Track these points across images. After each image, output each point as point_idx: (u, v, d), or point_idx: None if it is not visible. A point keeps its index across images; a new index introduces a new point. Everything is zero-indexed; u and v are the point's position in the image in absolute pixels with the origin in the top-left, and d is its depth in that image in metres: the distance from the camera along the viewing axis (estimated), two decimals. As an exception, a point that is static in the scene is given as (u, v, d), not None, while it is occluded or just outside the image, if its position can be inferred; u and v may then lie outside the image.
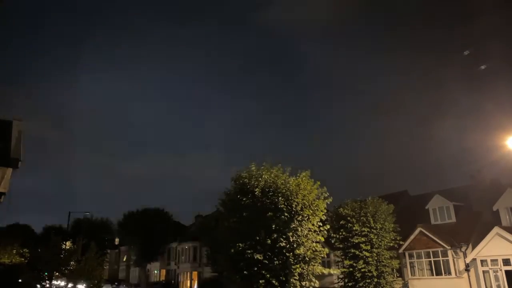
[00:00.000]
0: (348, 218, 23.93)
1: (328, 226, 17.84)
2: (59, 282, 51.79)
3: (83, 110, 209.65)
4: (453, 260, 23.48)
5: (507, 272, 20.87)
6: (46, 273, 44.36)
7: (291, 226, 16.20)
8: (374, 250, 23.20)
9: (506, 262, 20.99)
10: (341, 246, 24.44)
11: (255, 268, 15.87)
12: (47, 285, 44.88)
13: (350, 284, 23.45)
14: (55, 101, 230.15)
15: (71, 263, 43.39)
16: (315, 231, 17.06)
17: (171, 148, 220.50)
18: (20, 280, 46.22)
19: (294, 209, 16.46)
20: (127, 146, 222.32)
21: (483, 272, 21.92)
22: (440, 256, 24.05)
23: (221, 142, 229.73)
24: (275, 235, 15.97)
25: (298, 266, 16.11)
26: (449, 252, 23.56)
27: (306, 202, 16.83)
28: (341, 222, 24.20)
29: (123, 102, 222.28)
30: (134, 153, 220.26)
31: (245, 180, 17.28)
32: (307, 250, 16.57)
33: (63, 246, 46.87)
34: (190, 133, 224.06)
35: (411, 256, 25.63)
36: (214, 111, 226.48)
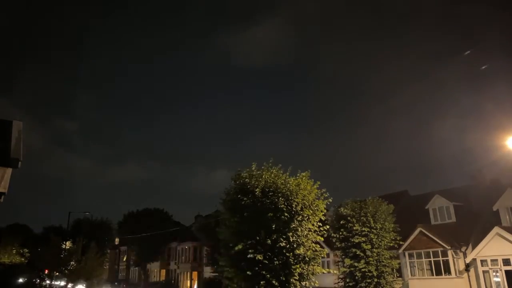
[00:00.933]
0: (348, 218, 23.91)
1: (328, 226, 17.86)
2: (59, 282, 51.81)
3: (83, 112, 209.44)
4: (453, 260, 23.47)
5: (507, 272, 20.86)
6: (46, 273, 44.40)
7: (291, 226, 16.18)
8: (374, 250, 23.19)
9: (506, 262, 20.97)
10: (341, 246, 24.44)
11: (256, 268, 15.84)
12: (47, 285, 44.91)
13: (350, 284, 23.43)
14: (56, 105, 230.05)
15: (71, 263, 43.38)
16: (315, 231, 17.06)
17: (171, 147, 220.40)
18: (20, 280, 46.27)
19: (294, 209, 16.43)
20: (127, 145, 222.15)
21: (483, 272, 21.91)
22: (440, 256, 24.03)
23: (221, 143, 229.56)
24: (275, 235, 15.95)
25: (298, 266, 16.08)
26: (449, 252, 23.55)
27: (306, 202, 16.80)
28: (341, 222, 24.19)
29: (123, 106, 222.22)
30: (134, 152, 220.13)
31: (245, 180, 17.23)
32: (307, 250, 16.57)
33: (63, 246, 46.83)
34: (190, 134, 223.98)
35: (411, 256, 25.62)
36: (214, 112, 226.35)
